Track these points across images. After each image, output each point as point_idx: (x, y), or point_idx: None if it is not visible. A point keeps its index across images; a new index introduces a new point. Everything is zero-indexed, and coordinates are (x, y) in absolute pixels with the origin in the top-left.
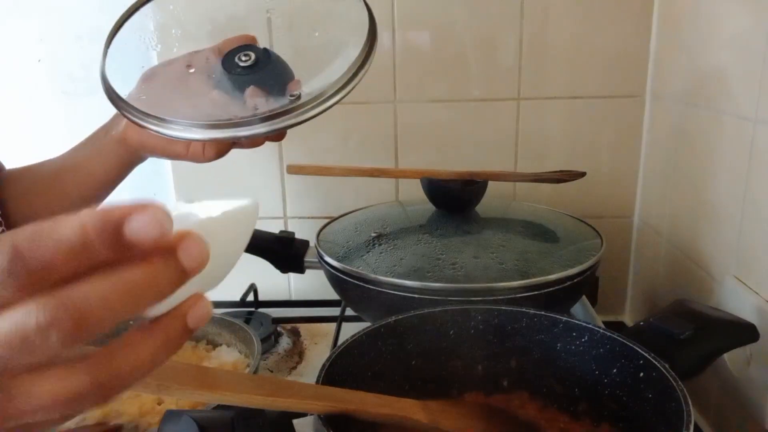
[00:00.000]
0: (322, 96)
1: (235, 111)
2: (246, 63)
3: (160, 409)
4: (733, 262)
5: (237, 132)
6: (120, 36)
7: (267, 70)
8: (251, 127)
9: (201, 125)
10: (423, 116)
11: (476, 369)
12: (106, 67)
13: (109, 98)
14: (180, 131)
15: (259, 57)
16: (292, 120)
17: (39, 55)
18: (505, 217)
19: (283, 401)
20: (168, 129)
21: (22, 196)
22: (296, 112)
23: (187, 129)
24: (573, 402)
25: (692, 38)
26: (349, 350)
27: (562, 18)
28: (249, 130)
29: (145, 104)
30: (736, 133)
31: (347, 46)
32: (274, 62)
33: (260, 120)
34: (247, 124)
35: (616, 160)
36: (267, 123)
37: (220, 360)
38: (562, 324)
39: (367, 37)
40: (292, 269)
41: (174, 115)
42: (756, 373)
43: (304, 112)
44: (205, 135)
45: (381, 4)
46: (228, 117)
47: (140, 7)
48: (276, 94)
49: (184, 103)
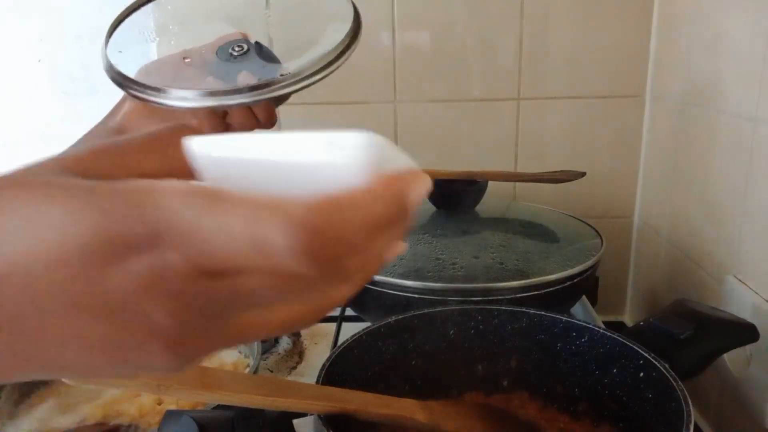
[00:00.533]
0: (308, 70)
1: (226, 87)
2: (239, 52)
3: (160, 409)
4: (733, 262)
5: (233, 100)
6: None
7: (258, 60)
8: (244, 95)
9: (199, 93)
10: (423, 116)
11: (476, 369)
12: (108, 48)
13: (112, 79)
14: (178, 101)
15: (251, 48)
16: (280, 90)
17: (39, 55)
18: (505, 217)
19: (283, 401)
20: (166, 99)
21: None
22: (284, 83)
23: (186, 98)
24: (573, 402)
25: (692, 38)
26: (349, 350)
27: (562, 18)
28: (243, 98)
29: (144, 80)
30: (736, 133)
31: (333, 32)
32: (264, 53)
33: (249, 89)
34: (238, 92)
35: (616, 160)
36: (258, 92)
37: (220, 360)
38: (562, 324)
39: (352, 22)
40: None
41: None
42: (756, 373)
43: (291, 84)
44: (202, 102)
45: (381, 4)
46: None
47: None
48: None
49: (181, 86)
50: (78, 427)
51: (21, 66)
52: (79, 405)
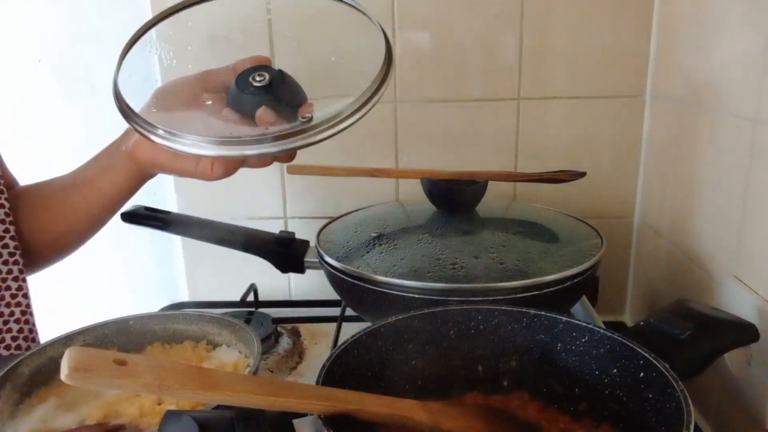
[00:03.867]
0: (334, 119)
1: (245, 130)
2: (260, 83)
3: (160, 409)
4: (733, 262)
5: (246, 150)
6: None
7: (280, 91)
8: (261, 146)
9: (210, 141)
10: (423, 116)
11: (476, 369)
12: (119, 79)
13: (119, 110)
14: (189, 146)
15: (274, 77)
16: (303, 141)
17: (39, 55)
18: (505, 217)
19: (283, 401)
20: (177, 143)
21: (33, 211)
22: (307, 134)
23: (196, 144)
24: (573, 402)
25: (692, 38)
26: (349, 350)
27: (562, 18)
28: (258, 149)
29: (155, 118)
30: (736, 134)
31: (362, 71)
32: (288, 84)
33: (271, 139)
34: (257, 142)
35: (616, 160)
36: (277, 143)
37: (220, 360)
38: (562, 324)
39: (383, 62)
40: (292, 269)
41: (184, 130)
42: (756, 373)
43: (315, 134)
44: (213, 151)
45: (381, 4)
46: (238, 135)
47: (158, 23)
48: (288, 115)
49: (195, 119)
50: (78, 427)
51: (21, 66)
52: (79, 405)
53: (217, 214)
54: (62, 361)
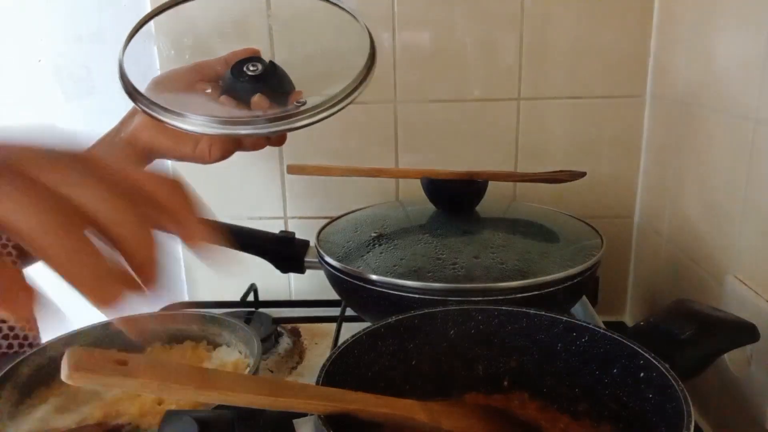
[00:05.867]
0: (326, 103)
1: (244, 113)
2: (254, 72)
3: (161, 409)
4: (733, 262)
5: (247, 129)
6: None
7: (272, 81)
8: (259, 126)
9: (215, 120)
10: (423, 116)
11: (476, 369)
12: (125, 61)
13: (126, 91)
14: (196, 125)
15: (266, 68)
16: (298, 122)
17: (39, 55)
18: (505, 217)
19: (283, 401)
20: (185, 123)
21: None
22: (302, 116)
23: (202, 124)
24: (573, 402)
25: (692, 38)
26: (349, 350)
27: (562, 18)
28: (258, 129)
29: (159, 100)
30: (736, 133)
31: (348, 64)
32: (279, 74)
33: (267, 120)
34: (256, 122)
35: (616, 160)
36: (274, 123)
37: (220, 360)
38: (562, 324)
39: (369, 54)
40: (293, 269)
41: (188, 112)
42: (756, 373)
43: (310, 116)
44: (218, 130)
45: (381, 4)
46: (238, 116)
47: (167, 9)
48: (279, 101)
49: (194, 104)
50: (78, 427)
51: (21, 66)
52: (79, 405)
53: (217, 214)
54: (62, 361)
